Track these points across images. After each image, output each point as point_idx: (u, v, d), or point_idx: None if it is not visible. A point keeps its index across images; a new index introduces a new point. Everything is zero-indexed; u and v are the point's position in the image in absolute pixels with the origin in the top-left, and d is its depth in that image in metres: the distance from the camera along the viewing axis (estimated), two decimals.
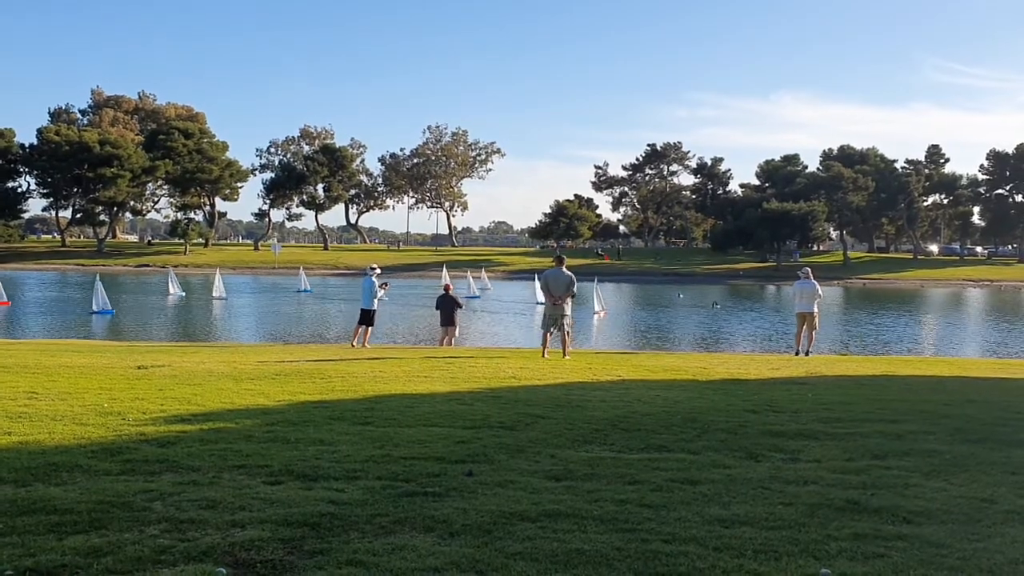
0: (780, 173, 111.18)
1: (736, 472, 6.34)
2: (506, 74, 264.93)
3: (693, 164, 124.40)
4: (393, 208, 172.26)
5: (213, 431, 7.49)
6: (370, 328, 19.79)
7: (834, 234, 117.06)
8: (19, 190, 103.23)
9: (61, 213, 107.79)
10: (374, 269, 20.88)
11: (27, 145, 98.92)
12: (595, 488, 5.73)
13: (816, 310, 19.19)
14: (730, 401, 10.12)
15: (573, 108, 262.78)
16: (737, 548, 4.54)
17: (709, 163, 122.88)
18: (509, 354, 17.14)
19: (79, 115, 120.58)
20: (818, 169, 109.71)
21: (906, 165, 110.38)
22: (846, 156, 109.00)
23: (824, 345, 24.73)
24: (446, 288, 21.23)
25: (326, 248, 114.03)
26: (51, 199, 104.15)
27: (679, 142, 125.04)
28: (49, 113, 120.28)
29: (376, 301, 19.67)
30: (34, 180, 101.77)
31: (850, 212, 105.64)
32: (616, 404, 9.56)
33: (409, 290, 57.23)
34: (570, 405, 9.41)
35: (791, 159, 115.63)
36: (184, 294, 47.25)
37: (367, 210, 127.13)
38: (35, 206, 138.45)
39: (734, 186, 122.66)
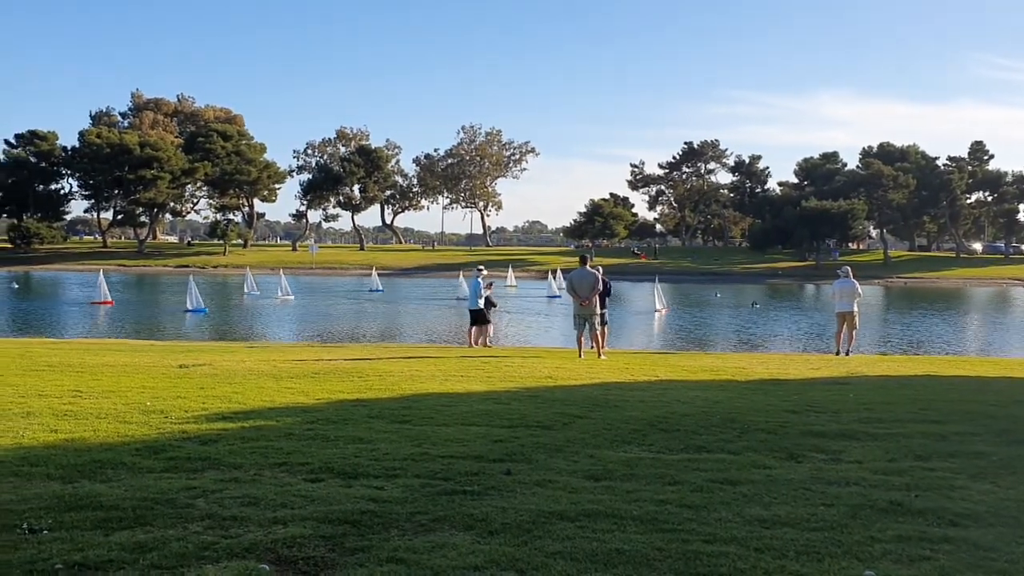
0: (819, 171, 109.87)
1: (777, 473, 6.28)
2: (540, 73, 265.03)
3: (731, 162, 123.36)
4: (428, 208, 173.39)
5: (254, 429, 7.58)
6: (486, 327, 19.85)
7: (874, 232, 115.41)
8: (61, 192, 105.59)
9: (102, 214, 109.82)
10: (481, 270, 20.76)
11: (69, 148, 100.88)
12: (634, 488, 5.70)
13: (856, 309, 18.94)
14: (770, 401, 10.02)
15: (608, 106, 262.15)
16: (779, 549, 4.50)
17: (747, 161, 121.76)
18: (544, 354, 17.13)
19: (119, 118, 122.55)
20: (857, 167, 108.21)
21: (948, 162, 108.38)
22: (886, 153, 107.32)
23: (865, 345, 24.39)
24: None
25: (362, 248, 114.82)
26: (92, 201, 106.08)
27: (716, 140, 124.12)
28: (90, 116, 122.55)
29: (482, 301, 19.70)
30: (76, 182, 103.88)
31: (890, 210, 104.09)
32: (654, 404, 9.51)
33: (445, 289, 57.49)
34: (608, 405, 9.38)
35: (830, 157, 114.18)
36: (259, 293, 48.29)
37: (402, 210, 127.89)
38: (77, 208, 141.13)
39: (772, 184, 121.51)
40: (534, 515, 4.96)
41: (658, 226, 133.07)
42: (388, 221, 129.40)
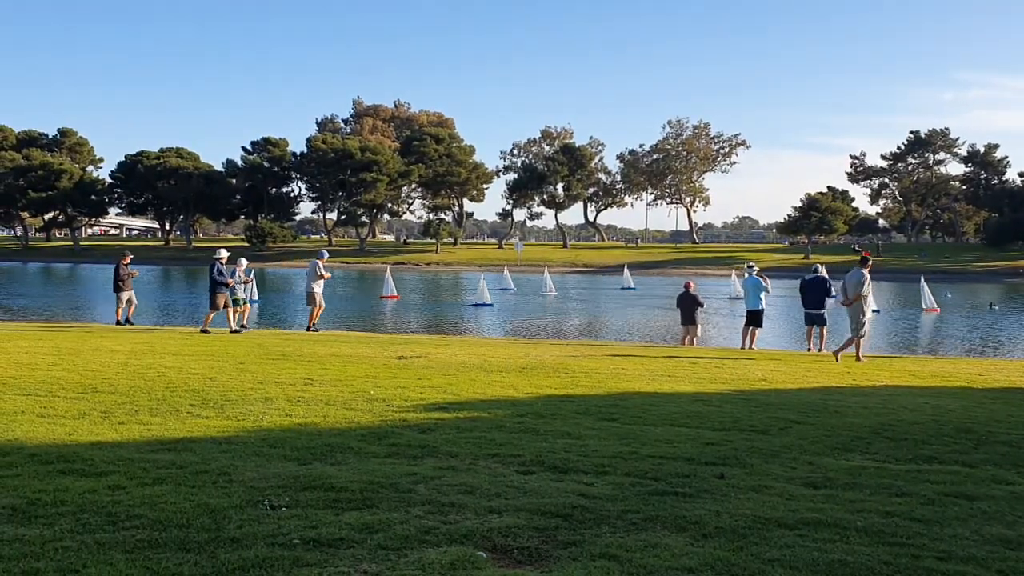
0: None
1: (1022, 489, 5.73)
2: (748, 59, 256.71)
3: (963, 152, 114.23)
4: (631, 205, 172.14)
5: (468, 420, 7.85)
6: (757, 330, 18.63)
7: None
8: (292, 194, 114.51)
9: (328, 215, 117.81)
10: (752, 267, 19.45)
11: (298, 153, 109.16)
12: (857, 498, 5.40)
13: None
14: (1011, 412, 9.18)
15: (823, 94, 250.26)
16: None
17: (982, 150, 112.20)
18: (757, 355, 16.56)
19: (342, 124, 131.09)
20: None
21: None
22: None
23: None
24: (686, 286, 20.77)
25: (565, 246, 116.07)
26: (319, 202, 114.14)
27: (946, 128, 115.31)
28: (316, 123, 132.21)
29: (763, 300, 18.34)
30: (304, 185, 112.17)
31: None
32: (879, 411, 8.96)
33: (649, 288, 57.00)
34: (827, 410, 8.94)
35: None
36: (515, 288, 50.61)
37: (605, 208, 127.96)
38: (305, 209, 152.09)
39: (1012, 175, 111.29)
40: (750, 520, 4.80)
41: (881, 221, 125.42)
42: (591, 218, 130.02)
